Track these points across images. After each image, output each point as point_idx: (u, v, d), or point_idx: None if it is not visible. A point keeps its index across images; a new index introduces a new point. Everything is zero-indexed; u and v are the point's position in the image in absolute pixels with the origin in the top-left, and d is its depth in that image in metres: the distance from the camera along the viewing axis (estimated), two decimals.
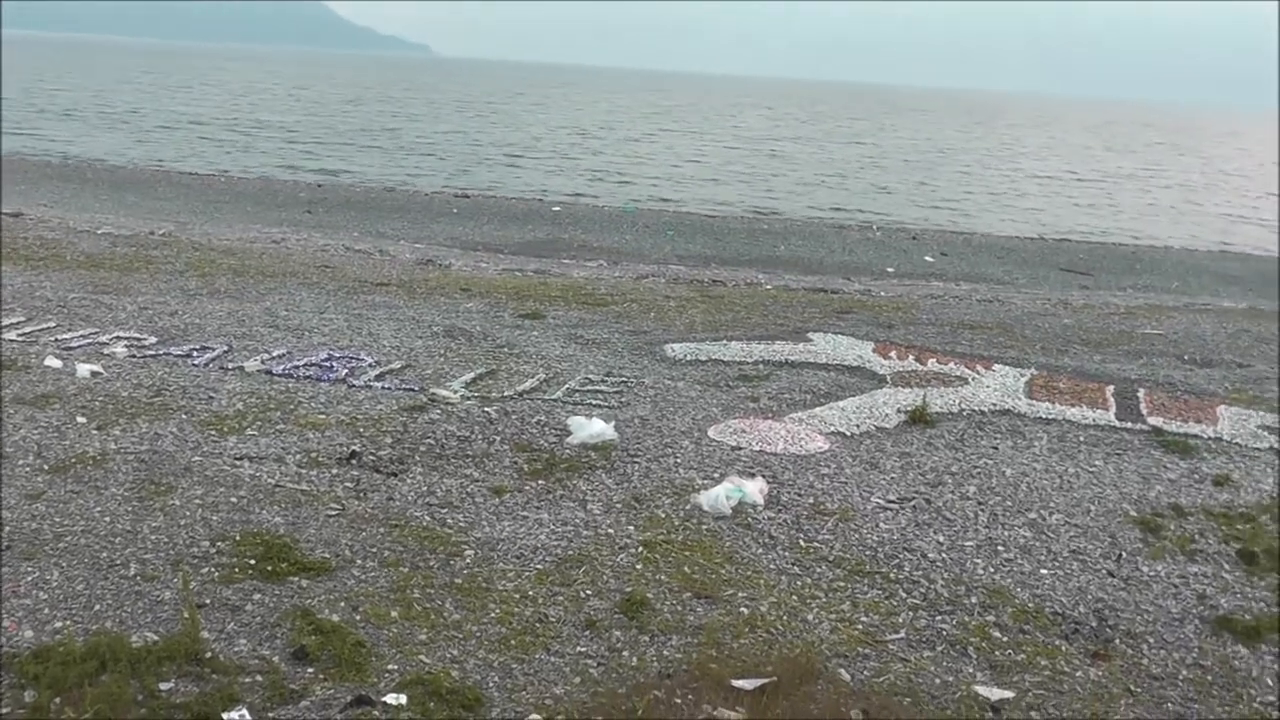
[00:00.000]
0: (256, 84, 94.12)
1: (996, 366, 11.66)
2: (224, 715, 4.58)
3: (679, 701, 4.95)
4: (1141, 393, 11.05)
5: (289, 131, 47.70)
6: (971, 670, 5.55)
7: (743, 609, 5.92)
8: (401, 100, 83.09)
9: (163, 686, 4.74)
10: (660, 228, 24.44)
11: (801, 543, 6.84)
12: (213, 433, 7.90)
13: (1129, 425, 9.93)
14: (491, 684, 5.01)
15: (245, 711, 4.61)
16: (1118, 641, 6.02)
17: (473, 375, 9.82)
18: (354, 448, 7.77)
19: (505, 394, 9.36)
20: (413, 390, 9.28)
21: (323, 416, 8.43)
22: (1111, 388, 11.14)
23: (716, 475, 7.74)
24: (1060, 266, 23.20)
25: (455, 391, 9.28)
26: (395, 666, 5.07)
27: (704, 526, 6.93)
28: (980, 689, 5.36)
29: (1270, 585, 6.84)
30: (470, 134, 53.72)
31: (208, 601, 5.51)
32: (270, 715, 4.64)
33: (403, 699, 4.79)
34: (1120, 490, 8.24)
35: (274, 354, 10.07)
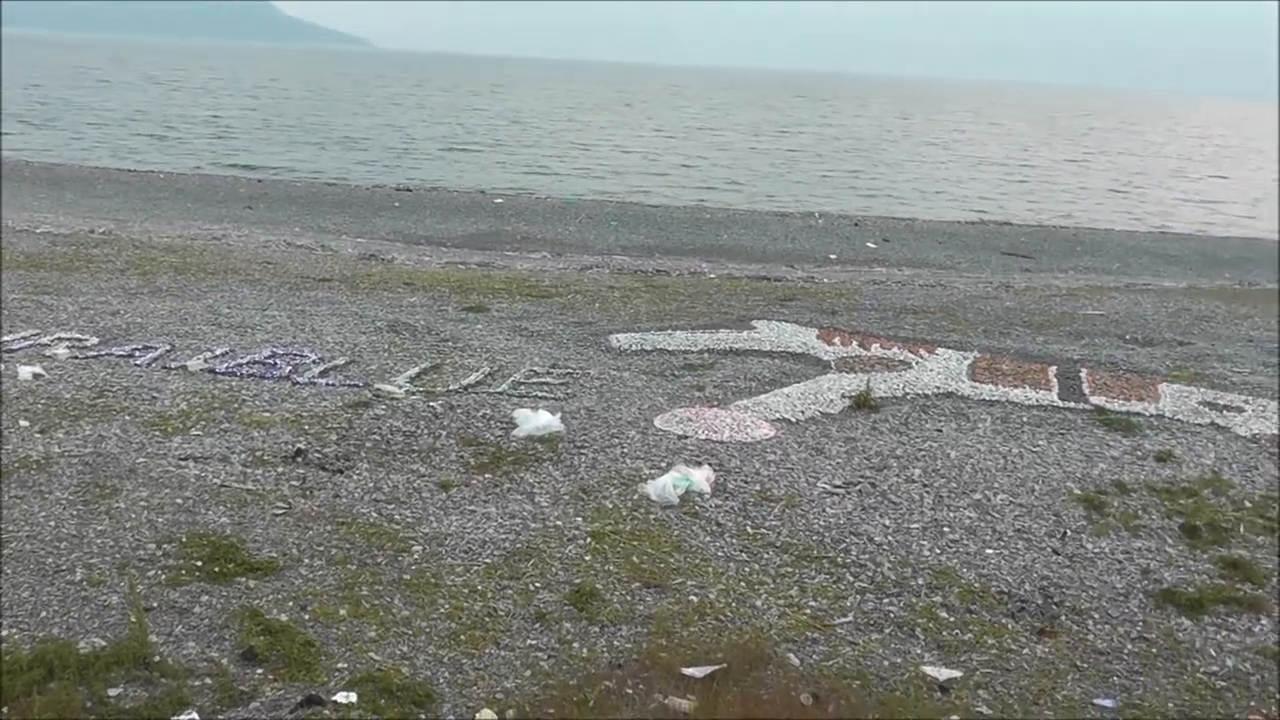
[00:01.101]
0: (191, 79, 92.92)
1: (940, 350, 11.74)
2: (173, 719, 4.55)
3: (630, 691, 4.97)
4: (1084, 372, 11.17)
5: (225, 127, 47.17)
6: (919, 651, 5.60)
7: (692, 597, 5.93)
8: (340, 93, 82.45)
9: (111, 692, 4.70)
10: (604, 219, 24.42)
11: (749, 529, 6.86)
12: (157, 433, 7.82)
13: (1072, 405, 10.03)
14: (442, 680, 5.00)
15: (195, 715, 4.58)
16: (1063, 618, 6.09)
17: (417, 370, 9.78)
18: (299, 445, 7.71)
19: (450, 388, 9.32)
20: (357, 386, 9.22)
21: (267, 415, 8.37)
22: (1054, 368, 11.24)
23: (663, 464, 7.75)
24: (1002, 250, 23.39)
25: (400, 387, 9.24)
26: (345, 665, 5.05)
27: (652, 516, 6.94)
28: (928, 669, 5.41)
29: (1213, 558, 6.94)
30: (408, 127, 53.34)
31: (155, 605, 5.46)
32: (220, 718, 4.61)
33: (353, 697, 4.77)
34: (1064, 469, 8.32)
35: (217, 352, 9.98)
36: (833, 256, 20.89)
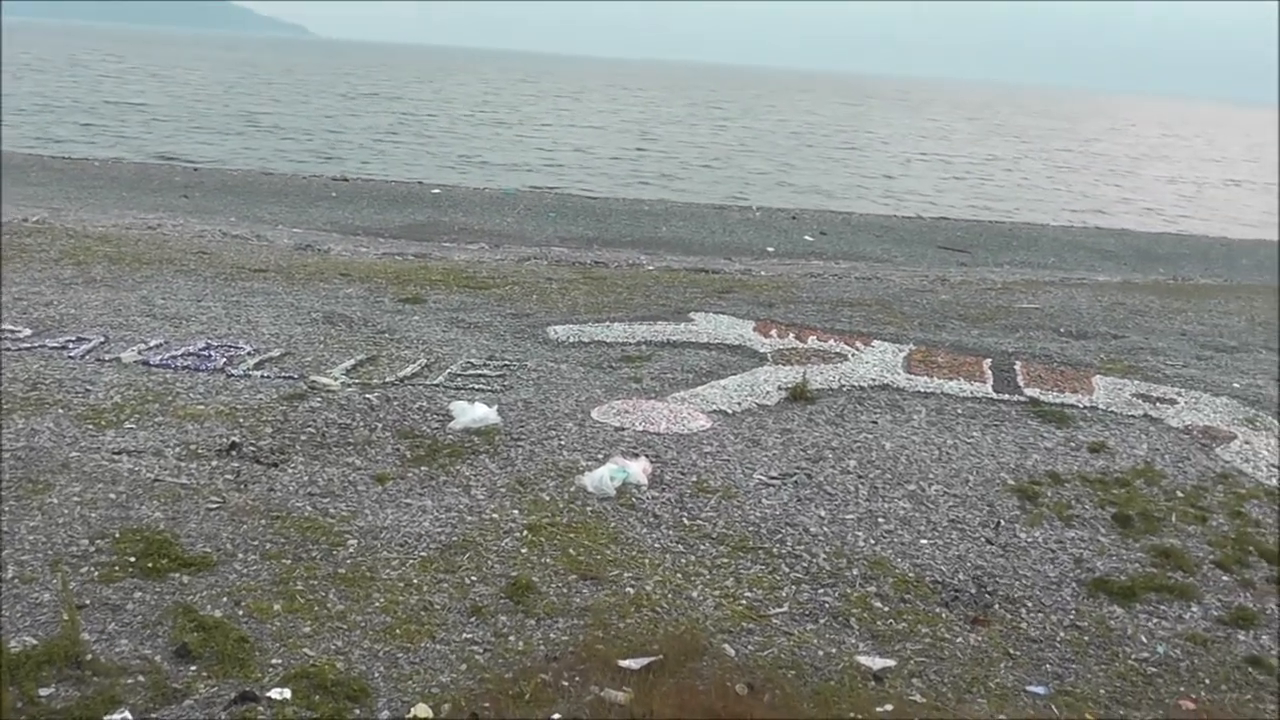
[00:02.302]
0: (118, 65, 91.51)
1: (876, 342, 11.82)
2: (105, 718, 4.49)
3: (566, 684, 4.97)
4: (1018, 365, 11.28)
5: (156, 118, 46.46)
6: (854, 641, 5.64)
7: (628, 589, 5.94)
8: (275, 82, 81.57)
9: (42, 692, 4.63)
10: (542, 210, 24.35)
11: (685, 521, 6.88)
12: (90, 427, 7.71)
13: (1006, 397, 10.13)
14: (377, 674, 4.97)
15: (127, 714, 4.53)
16: (997, 607, 6.17)
17: (353, 362, 9.71)
18: (234, 439, 7.64)
19: (387, 380, 9.27)
20: (292, 378, 9.14)
21: (201, 407, 8.28)
22: (989, 361, 11.35)
23: (600, 456, 7.75)
24: (938, 244, 23.56)
25: (336, 379, 9.17)
26: (279, 661, 5.01)
27: (588, 508, 6.94)
28: (863, 659, 5.45)
29: (1145, 547, 7.06)
30: (344, 116, 52.92)
31: (88, 602, 5.39)
32: (153, 716, 4.56)
33: (287, 693, 4.74)
34: (998, 460, 8.41)
35: (151, 344, 9.86)
36: (770, 249, 20.95)
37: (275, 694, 4.73)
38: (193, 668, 4.89)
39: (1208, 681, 5.62)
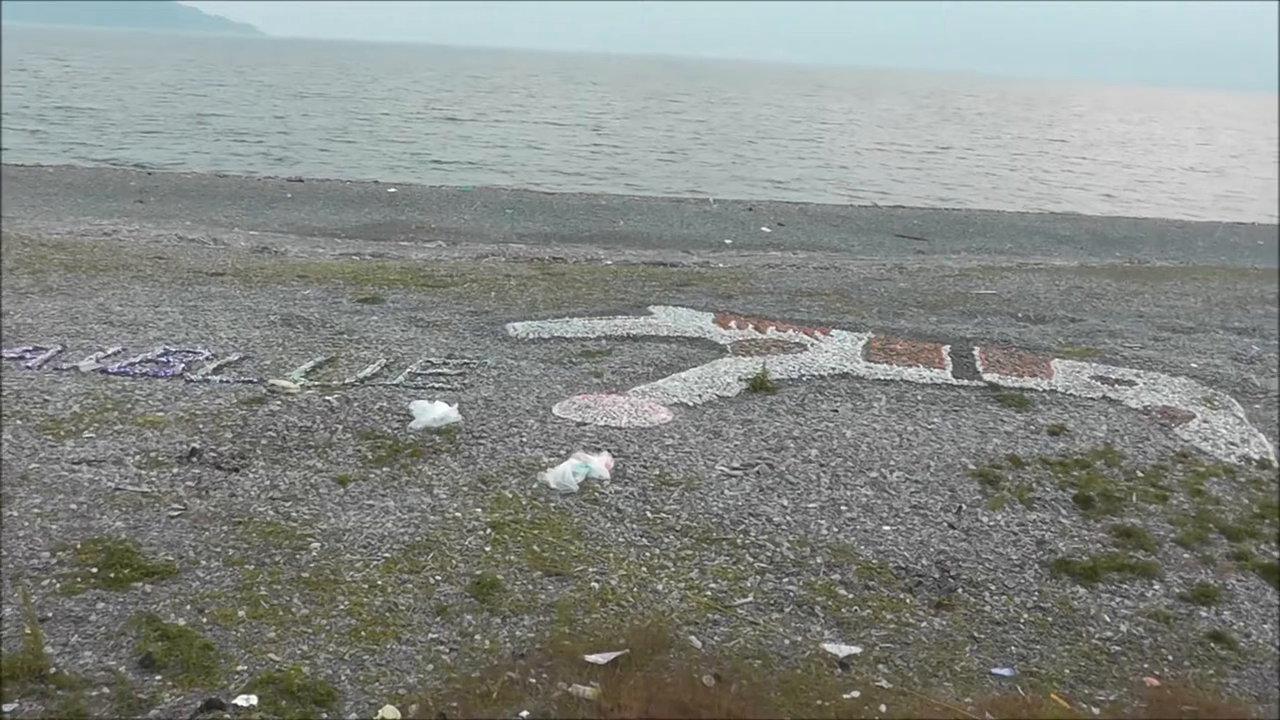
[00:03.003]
0: (65, 69, 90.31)
1: (835, 332, 11.87)
2: None
3: (534, 681, 4.96)
4: (977, 350, 11.36)
5: (108, 122, 45.93)
6: (819, 629, 5.67)
7: (593, 584, 5.95)
8: (225, 83, 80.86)
9: (6, 708, 4.58)
10: (499, 206, 24.28)
11: (649, 514, 6.89)
12: (49, 437, 7.62)
13: (965, 382, 10.19)
14: (343, 677, 4.95)
15: None
16: (960, 591, 6.20)
17: (312, 364, 9.66)
18: (194, 445, 7.58)
19: (346, 381, 9.23)
20: (251, 382, 9.09)
21: (161, 414, 8.21)
22: (947, 347, 11.42)
23: (562, 452, 7.75)
24: (895, 232, 23.65)
25: (295, 381, 9.12)
26: (245, 667, 4.98)
27: (552, 504, 6.94)
28: (828, 646, 5.47)
29: (1106, 527, 7.13)
30: (296, 117, 52.53)
31: (50, 615, 5.33)
32: None
33: (253, 700, 4.71)
34: (959, 445, 8.46)
35: (109, 352, 9.76)
36: (728, 241, 20.97)
37: (241, 701, 4.70)
38: (158, 677, 4.85)
39: (1171, 658, 5.68)
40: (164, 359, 9.62)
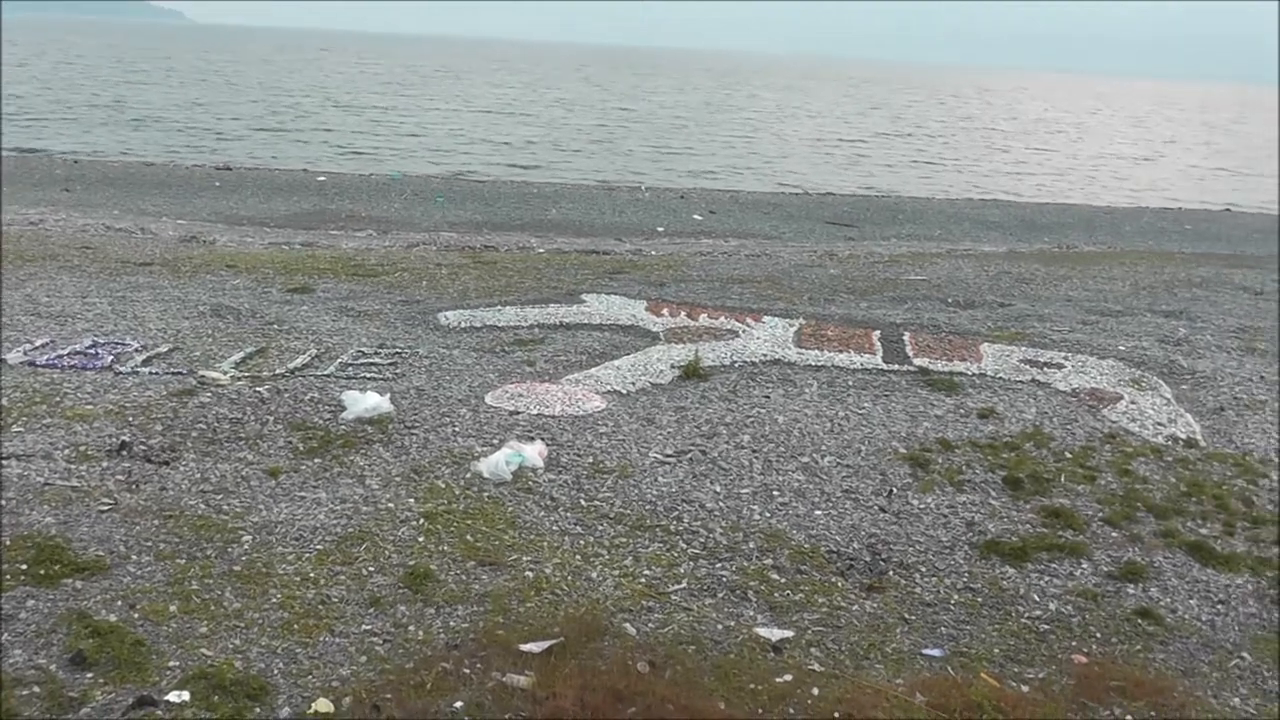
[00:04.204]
0: None
1: (766, 318, 11.92)
2: None
3: (468, 671, 4.96)
4: (907, 336, 11.46)
5: (27, 110, 45.03)
6: (752, 613, 5.70)
7: (527, 573, 5.94)
8: (152, 70, 79.65)
9: None
10: (429, 195, 24.17)
11: (583, 502, 6.90)
12: None
13: (896, 367, 10.28)
14: (276, 671, 4.92)
15: None
16: (891, 573, 6.27)
17: (242, 355, 9.58)
18: (124, 438, 7.48)
19: (277, 372, 9.16)
20: (181, 374, 8.99)
21: (90, 407, 8.10)
22: (878, 333, 11.51)
23: (495, 441, 7.74)
24: (825, 219, 23.81)
25: (225, 373, 9.04)
26: (177, 663, 4.92)
27: (485, 494, 6.92)
28: (761, 630, 5.51)
29: (1035, 508, 7.24)
30: (224, 104, 51.85)
31: None
32: None
33: (186, 695, 4.67)
34: (889, 429, 8.53)
35: (37, 344, 9.61)
36: (660, 229, 21.01)
37: (174, 697, 4.65)
38: (89, 675, 4.79)
39: (1099, 635, 5.78)
40: (93, 351, 9.50)
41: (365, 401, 8.19)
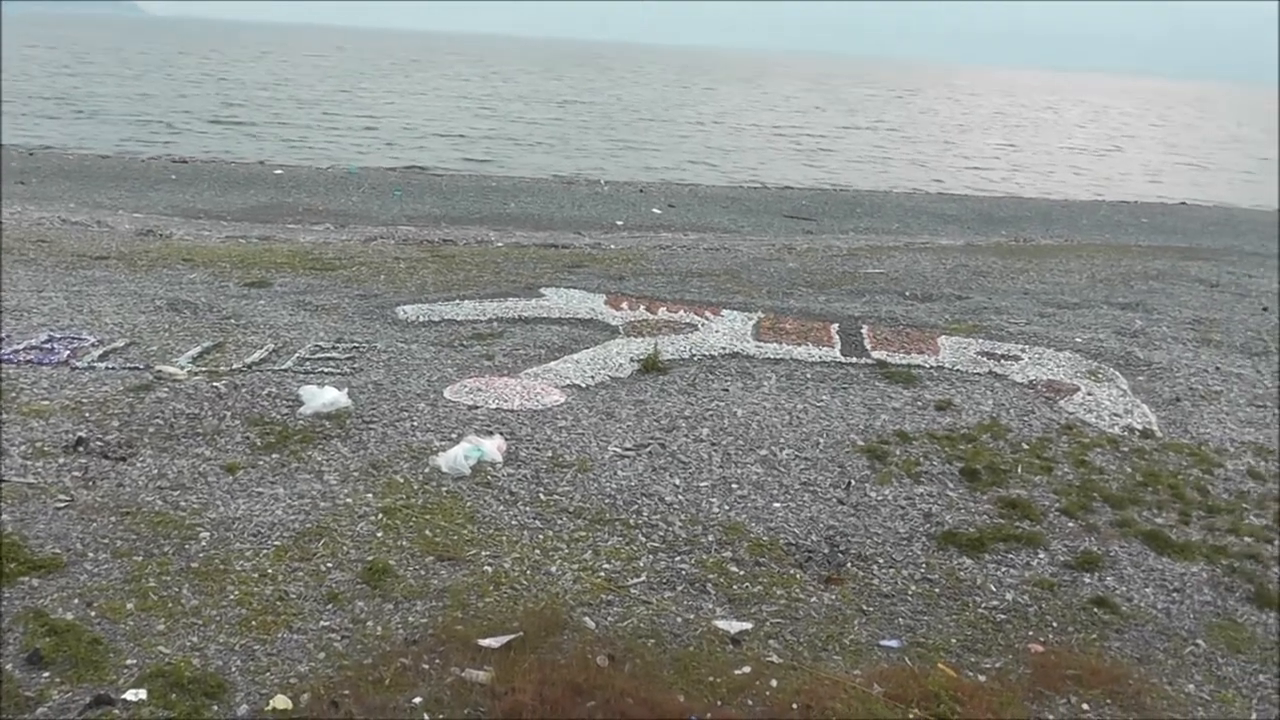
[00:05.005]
0: None
1: (725, 312, 11.95)
2: None
3: (426, 666, 4.96)
4: (865, 329, 11.51)
5: None
6: (711, 606, 5.72)
7: (486, 567, 5.94)
8: (106, 62, 78.81)
9: None
10: (387, 189, 24.05)
11: (542, 496, 6.90)
12: None
13: (854, 360, 10.33)
14: (234, 668, 4.89)
15: None
16: (849, 565, 6.30)
17: (199, 349, 9.52)
18: (80, 434, 7.42)
19: (234, 367, 9.11)
20: (138, 369, 8.92)
21: (46, 403, 8.03)
22: (836, 325, 11.56)
23: (454, 436, 7.72)
24: (784, 213, 23.85)
25: (182, 367, 8.98)
26: (134, 661, 4.89)
27: (444, 488, 6.91)
28: (720, 623, 5.53)
29: (992, 499, 7.28)
30: (179, 97, 51.41)
31: None
32: None
33: (143, 694, 4.64)
34: (847, 422, 8.57)
35: None
36: (620, 223, 21.00)
37: (131, 695, 4.63)
38: (45, 674, 4.76)
39: (1055, 625, 5.83)
40: (48, 345, 9.42)
41: (323, 396, 8.16)
